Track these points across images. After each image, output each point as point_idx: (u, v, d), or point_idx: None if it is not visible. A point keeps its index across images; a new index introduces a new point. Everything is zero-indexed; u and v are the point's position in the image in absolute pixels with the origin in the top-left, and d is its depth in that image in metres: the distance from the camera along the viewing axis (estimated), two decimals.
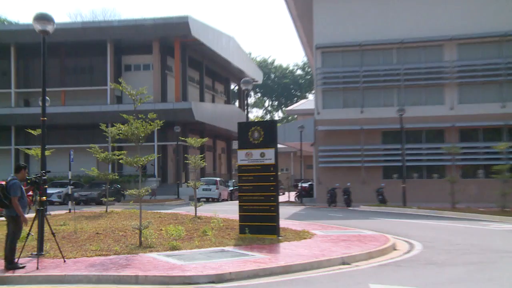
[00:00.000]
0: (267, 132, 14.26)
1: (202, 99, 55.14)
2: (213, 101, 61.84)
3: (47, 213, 20.90)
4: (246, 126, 14.64)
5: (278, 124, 49.98)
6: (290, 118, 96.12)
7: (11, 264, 9.85)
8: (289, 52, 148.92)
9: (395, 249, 13.17)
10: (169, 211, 24.11)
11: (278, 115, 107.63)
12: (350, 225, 19.05)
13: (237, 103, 74.86)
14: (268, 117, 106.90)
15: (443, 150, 31.30)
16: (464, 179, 33.34)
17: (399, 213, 26.31)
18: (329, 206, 33.18)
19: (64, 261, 10.54)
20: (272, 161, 14.02)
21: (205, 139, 21.62)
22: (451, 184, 27.34)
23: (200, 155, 21.50)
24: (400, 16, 35.71)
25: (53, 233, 10.86)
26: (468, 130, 34.40)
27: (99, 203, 33.54)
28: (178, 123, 42.99)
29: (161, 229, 15.50)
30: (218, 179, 40.95)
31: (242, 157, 14.42)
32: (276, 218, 14.01)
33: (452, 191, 26.95)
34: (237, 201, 15.05)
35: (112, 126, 15.27)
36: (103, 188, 34.26)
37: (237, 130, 14.77)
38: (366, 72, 35.90)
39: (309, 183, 43.48)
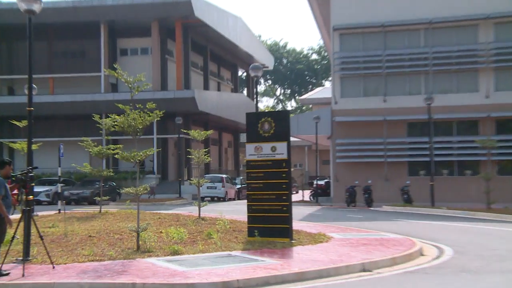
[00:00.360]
0: (279, 123, 14.28)
1: (206, 87, 55.23)
2: (218, 89, 61.92)
3: (34, 214, 21.06)
4: (255, 117, 14.67)
5: (291, 115, 50.19)
6: (304, 108, 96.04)
7: None
8: (303, 34, 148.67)
9: (422, 255, 13.18)
10: (170, 212, 24.23)
11: (291, 105, 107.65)
12: (371, 228, 19.08)
13: (245, 92, 74.93)
14: (280, 107, 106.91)
15: (477, 143, 31.25)
16: (500, 176, 33.22)
17: (426, 214, 26.34)
18: (347, 206, 33.26)
19: (53, 267, 10.58)
20: (285, 156, 14.06)
21: (209, 132, 21.74)
22: (486, 182, 27.27)
23: (204, 150, 21.65)
24: None
25: (40, 236, 10.89)
26: (506, 120, 34.17)
27: (92, 202, 33.82)
28: (179, 114, 43.14)
29: (161, 232, 15.59)
30: (224, 176, 41.17)
31: (251, 151, 14.46)
32: (288, 219, 14.04)
33: (487, 190, 26.89)
34: (245, 201, 15.08)
35: (107, 117, 15.32)
36: (97, 186, 34.47)
37: (246, 121, 14.83)
38: (390, 56, 35.83)
39: (326, 180, 43.52)
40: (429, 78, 35.48)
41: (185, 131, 25.70)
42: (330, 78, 77.44)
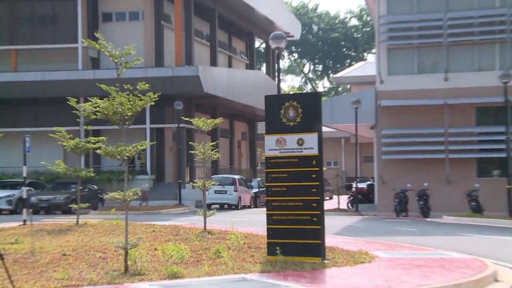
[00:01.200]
0: (308, 109, 14.32)
1: (214, 62, 55.33)
2: (230, 65, 62.02)
3: None
4: (277, 101, 14.77)
5: (324, 98, 49.90)
6: (340, 89, 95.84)
7: None
8: None
9: (497, 281, 13.11)
10: (167, 223, 24.38)
11: (323, 85, 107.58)
12: (428, 244, 18.99)
13: (264, 68, 74.82)
14: (308, 88, 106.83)
15: None
16: None
17: (501, 228, 26.16)
18: (397, 216, 33.35)
19: None
20: (315, 151, 14.11)
21: (218, 120, 21.88)
22: None
23: (212, 143, 21.84)
24: None
25: (0, 255, 10.91)
26: None
27: (67, 211, 33.89)
28: (180, 97, 43.27)
29: (155, 249, 15.69)
30: (237, 177, 41.35)
31: (272, 145, 14.52)
32: (320, 233, 14.05)
33: None
34: (264, 209, 15.12)
35: (86, 101, 15.39)
36: (73, 190, 34.61)
37: (265, 107, 14.93)
38: (454, 20, 35.69)
39: (368, 182, 43.47)
40: (506, 49, 35.26)
41: (186, 119, 25.69)
42: (374, 50, 77.02)
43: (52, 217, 31.15)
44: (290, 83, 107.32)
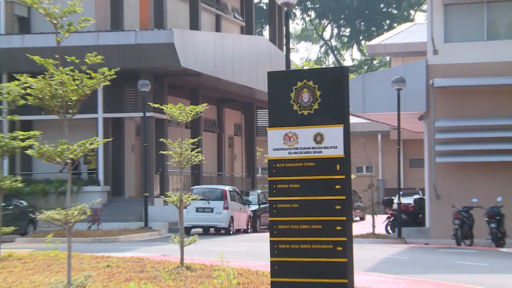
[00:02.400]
0: (329, 91, 13.97)
1: (195, 24, 55.15)
2: (218, 28, 61.98)
3: None
4: (286, 79, 14.45)
5: (352, 76, 49.43)
6: (376, 62, 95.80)
7: None
8: None
9: None
10: (128, 254, 24.28)
11: (351, 57, 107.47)
12: (504, 286, 19.04)
13: (266, 33, 74.67)
14: (331, 61, 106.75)
15: None
16: None
17: None
18: (458, 244, 33.35)
19: None
20: (340, 152, 13.79)
21: (201, 107, 21.95)
22: None
23: (192, 140, 21.90)
24: None
25: None
26: None
27: None
28: (146, 75, 43.42)
29: None
30: (227, 188, 41.35)
31: (278, 143, 14.16)
32: (346, 269, 13.85)
33: None
34: (267, 234, 15.10)
35: (11, 79, 15.43)
36: None
37: (268, 88, 14.58)
38: None
39: (416, 197, 43.49)
40: None
41: (156, 106, 25.59)
42: (424, 7, 76.97)
43: None
44: (304, 54, 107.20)
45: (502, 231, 32.87)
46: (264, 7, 79.80)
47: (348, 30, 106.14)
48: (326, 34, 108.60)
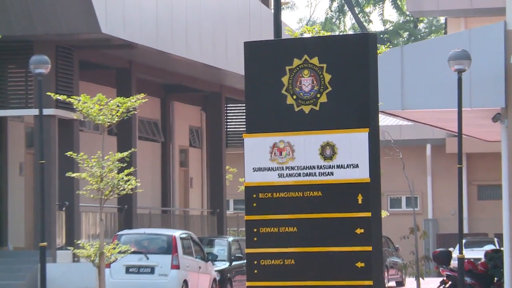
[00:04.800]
0: (345, 74, 11.84)
1: None
2: None
3: None
4: (273, 55, 12.43)
5: (382, 49, 39.62)
6: (423, 27, 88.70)
7: None
8: None
9: None
10: None
11: (381, 18, 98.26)
12: None
13: None
14: (348, 25, 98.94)
15: None
16: None
17: None
18: None
19: None
20: (363, 174, 11.86)
21: (135, 100, 22.31)
22: None
23: (121, 155, 22.21)
24: None
25: None
26: None
27: None
28: (45, 47, 36.51)
29: None
30: (178, 234, 35.25)
31: (261, 159, 12.39)
32: None
33: None
34: None
35: None
36: None
37: (244, 68, 12.63)
38: None
39: (488, 248, 40.58)
40: None
41: (60, 97, 23.79)
42: None
43: None
44: (304, 14, 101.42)
45: None
46: None
47: None
48: None
